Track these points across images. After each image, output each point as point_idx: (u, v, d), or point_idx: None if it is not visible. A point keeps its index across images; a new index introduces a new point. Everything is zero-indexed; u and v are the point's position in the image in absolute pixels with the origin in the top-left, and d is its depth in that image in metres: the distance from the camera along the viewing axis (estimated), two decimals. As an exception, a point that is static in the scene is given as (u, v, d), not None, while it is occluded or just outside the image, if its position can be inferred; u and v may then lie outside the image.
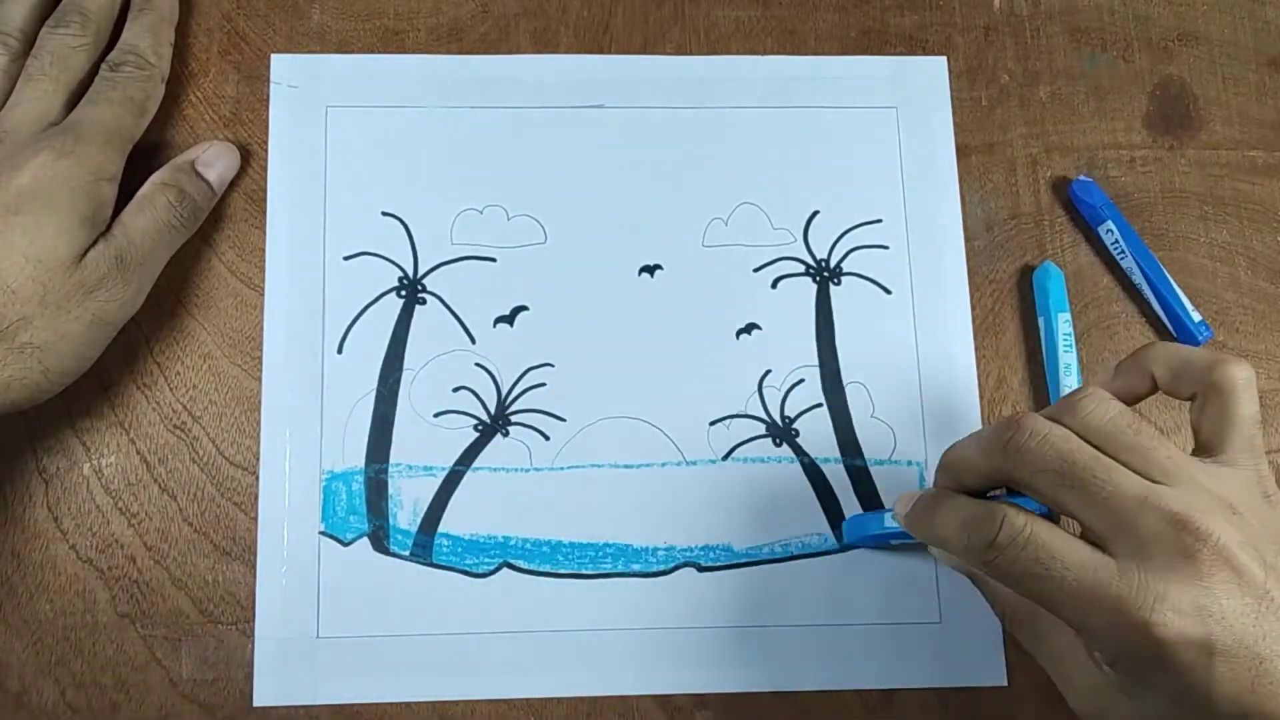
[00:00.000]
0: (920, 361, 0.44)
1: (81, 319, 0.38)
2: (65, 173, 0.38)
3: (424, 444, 0.42)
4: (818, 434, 0.44)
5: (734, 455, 0.43)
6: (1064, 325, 0.44)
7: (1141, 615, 0.29)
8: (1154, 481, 0.31)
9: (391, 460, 0.42)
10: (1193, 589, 0.29)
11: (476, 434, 0.43)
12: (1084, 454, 0.32)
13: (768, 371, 0.44)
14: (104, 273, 0.38)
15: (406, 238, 0.44)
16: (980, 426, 0.44)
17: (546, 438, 0.43)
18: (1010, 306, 0.45)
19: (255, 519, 0.42)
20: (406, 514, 0.42)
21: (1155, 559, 0.30)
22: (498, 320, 0.44)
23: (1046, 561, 0.31)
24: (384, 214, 0.44)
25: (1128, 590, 0.30)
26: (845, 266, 0.45)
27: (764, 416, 0.44)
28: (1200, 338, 0.44)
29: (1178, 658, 0.29)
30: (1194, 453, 0.34)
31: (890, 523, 0.39)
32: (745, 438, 0.43)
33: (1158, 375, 0.35)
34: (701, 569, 0.42)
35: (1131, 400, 0.35)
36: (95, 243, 0.39)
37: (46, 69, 0.41)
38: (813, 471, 0.43)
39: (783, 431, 0.44)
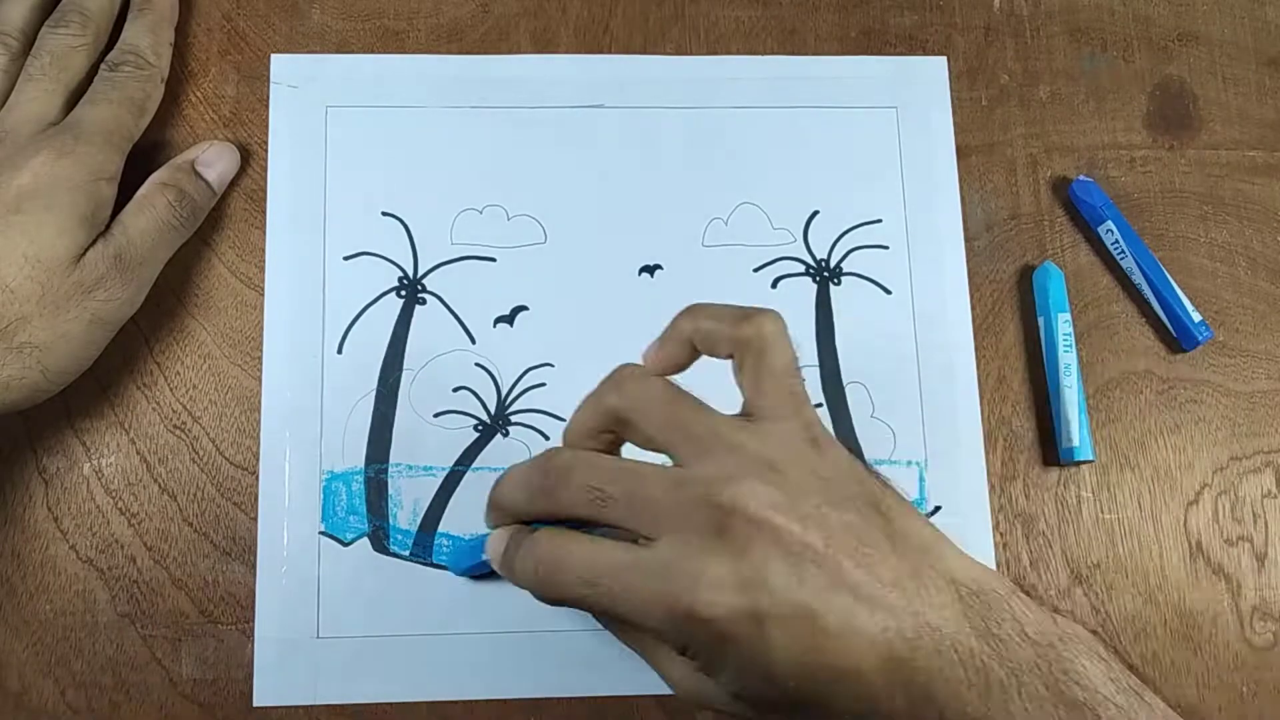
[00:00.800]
0: (920, 361, 0.44)
1: (80, 319, 0.38)
2: (64, 172, 0.38)
3: (424, 444, 0.42)
4: (818, 434, 0.44)
5: (734, 455, 0.43)
6: (1064, 325, 0.44)
7: (686, 601, 0.29)
8: (686, 462, 0.31)
9: (391, 460, 0.42)
10: (730, 563, 0.29)
11: (476, 434, 0.43)
12: (610, 470, 0.32)
13: (768, 371, 0.44)
14: (103, 272, 0.38)
15: (406, 238, 0.44)
16: (980, 426, 0.44)
17: (546, 438, 0.43)
18: (1010, 306, 0.45)
19: (255, 519, 0.41)
20: (406, 514, 0.42)
21: (692, 542, 0.30)
22: (498, 320, 0.44)
23: (588, 576, 0.31)
24: (384, 214, 0.44)
25: (669, 579, 0.30)
26: (845, 266, 0.45)
27: (764, 416, 0.44)
28: (1200, 338, 0.44)
29: (732, 632, 0.29)
30: (741, 414, 0.33)
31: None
32: (745, 438, 0.43)
33: (695, 340, 0.34)
34: (701, 569, 0.42)
35: (677, 370, 0.35)
36: (94, 242, 0.39)
37: (46, 69, 0.41)
38: (813, 471, 0.43)
39: (783, 431, 0.43)
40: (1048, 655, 0.29)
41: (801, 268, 0.45)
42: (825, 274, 0.45)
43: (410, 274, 0.44)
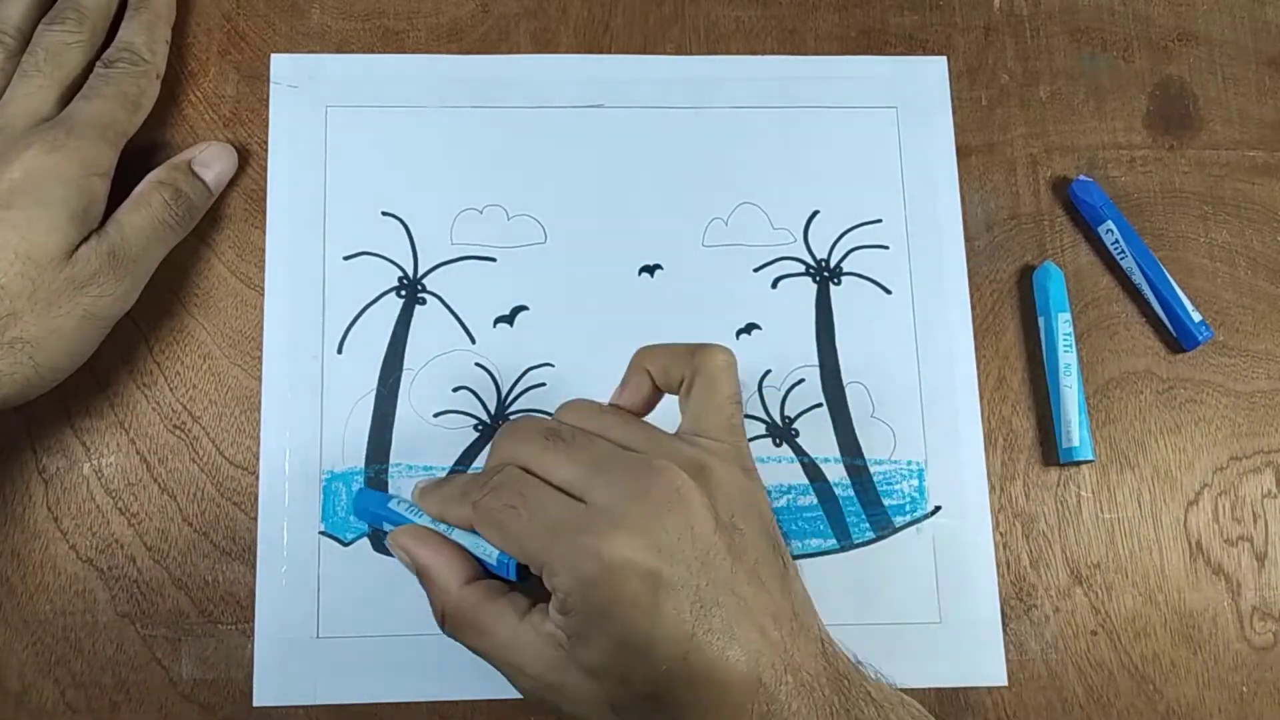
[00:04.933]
0: (920, 361, 0.44)
1: (73, 314, 0.38)
2: (56, 167, 0.38)
3: (424, 444, 0.42)
4: (818, 434, 0.44)
5: (734, 455, 0.43)
6: (1064, 325, 0.44)
7: (595, 540, 0.30)
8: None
9: (391, 460, 0.42)
10: (645, 521, 0.30)
11: (476, 434, 0.43)
12: (565, 427, 0.34)
13: (768, 371, 0.44)
14: (96, 269, 0.38)
15: (406, 238, 0.44)
16: (980, 426, 0.44)
17: (546, 438, 0.43)
18: (1010, 306, 0.45)
19: (255, 519, 0.41)
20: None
21: (617, 498, 0.31)
22: (498, 320, 0.44)
23: (526, 495, 0.32)
24: (384, 214, 0.44)
25: (588, 521, 0.31)
26: (845, 266, 0.45)
27: (764, 416, 0.44)
28: (1200, 338, 0.44)
29: (626, 586, 0.30)
30: (678, 431, 0.35)
31: (395, 507, 0.38)
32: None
33: (652, 371, 0.36)
34: (701, 569, 0.42)
35: (645, 407, 0.37)
36: (88, 238, 0.39)
37: (41, 65, 0.41)
38: (813, 471, 0.43)
39: (783, 431, 0.44)
40: (885, 713, 0.32)
41: (801, 268, 0.45)
42: (825, 274, 0.45)
43: (410, 274, 0.44)
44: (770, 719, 0.30)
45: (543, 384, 0.43)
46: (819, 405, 0.44)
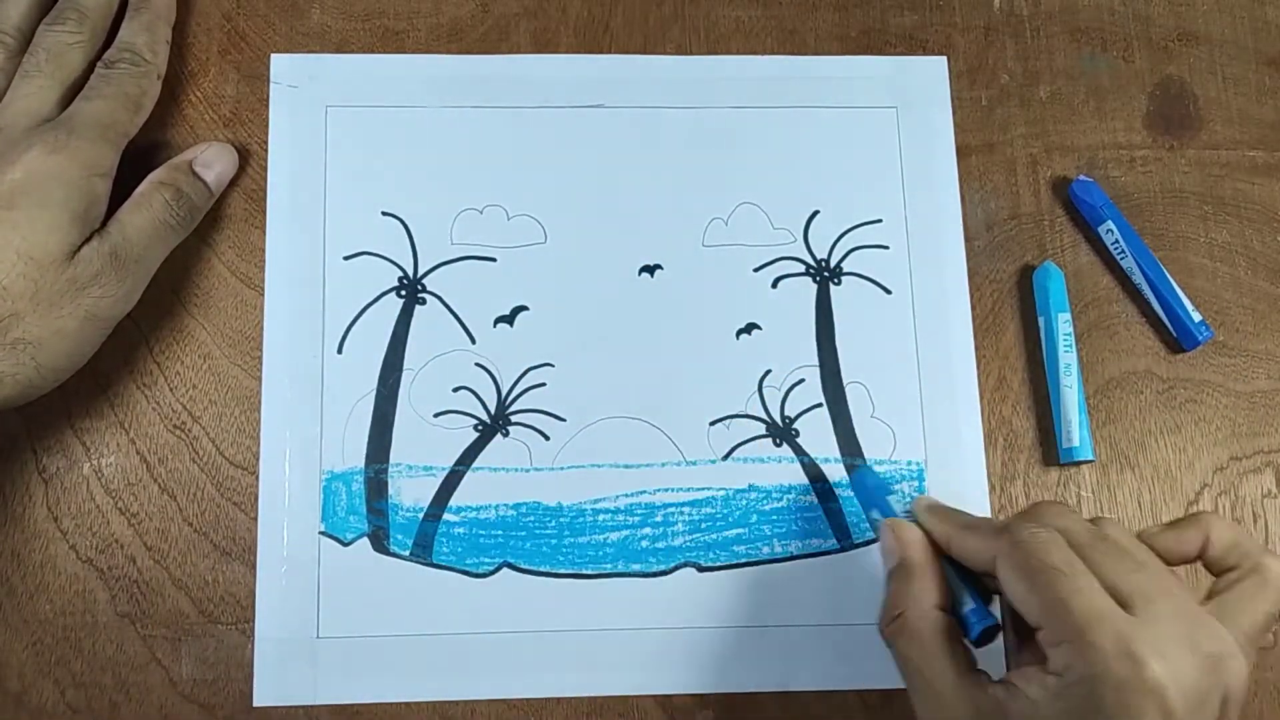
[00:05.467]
0: (920, 361, 0.44)
1: (75, 315, 0.38)
2: (57, 167, 0.38)
3: (424, 444, 0.42)
4: (818, 434, 0.44)
5: (734, 455, 0.43)
6: (1064, 325, 0.44)
7: (1143, 651, 0.30)
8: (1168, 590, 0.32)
9: (391, 460, 0.42)
10: (1189, 670, 0.30)
11: (476, 434, 0.43)
12: (1111, 538, 0.34)
13: (768, 371, 0.44)
14: (98, 269, 0.38)
15: (406, 238, 0.44)
16: (980, 426, 0.44)
17: (546, 438, 0.43)
18: (1010, 306, 0.45)
19: (255, 519, 0.42)
20: (407, 514, 0.42)
21: (1171, 632, 0.31)
22: (498, 320, 0.44)
23: (1075, 569, 0.32)
24: (384, 214, 0.44)
25: (1136, 631, 0.30)
26: (845, 266, 0.45)
27: (764, 416, 0.44)
28: (1200, 338, 0.44)
29: (1145, 709, 0.29)
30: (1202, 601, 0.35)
31: (893, 502, 0.40)
32: (745, 438, 0.43)
33: (1214, 538, 0.36)
34: (701, 569, 0.42)
35: (1178, 560, 0.36)
36: (90, 239, 0.39)
37: (42, 65, 0.41)
38: (813, 471, 0.43)
39: (783, 431, 0.44)
40: None
41: (801, 268, 0.45)
42: (825, 274, 0.45)
43: (410, 274, 0.44)
44: None
45: (543, 384, 0.43)
46: (819, 405, 0.44)
